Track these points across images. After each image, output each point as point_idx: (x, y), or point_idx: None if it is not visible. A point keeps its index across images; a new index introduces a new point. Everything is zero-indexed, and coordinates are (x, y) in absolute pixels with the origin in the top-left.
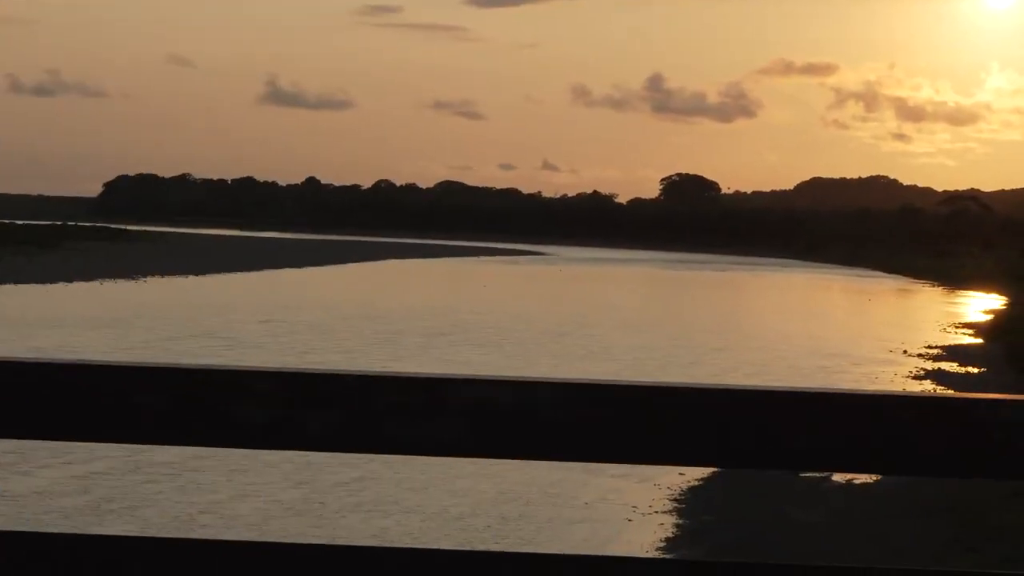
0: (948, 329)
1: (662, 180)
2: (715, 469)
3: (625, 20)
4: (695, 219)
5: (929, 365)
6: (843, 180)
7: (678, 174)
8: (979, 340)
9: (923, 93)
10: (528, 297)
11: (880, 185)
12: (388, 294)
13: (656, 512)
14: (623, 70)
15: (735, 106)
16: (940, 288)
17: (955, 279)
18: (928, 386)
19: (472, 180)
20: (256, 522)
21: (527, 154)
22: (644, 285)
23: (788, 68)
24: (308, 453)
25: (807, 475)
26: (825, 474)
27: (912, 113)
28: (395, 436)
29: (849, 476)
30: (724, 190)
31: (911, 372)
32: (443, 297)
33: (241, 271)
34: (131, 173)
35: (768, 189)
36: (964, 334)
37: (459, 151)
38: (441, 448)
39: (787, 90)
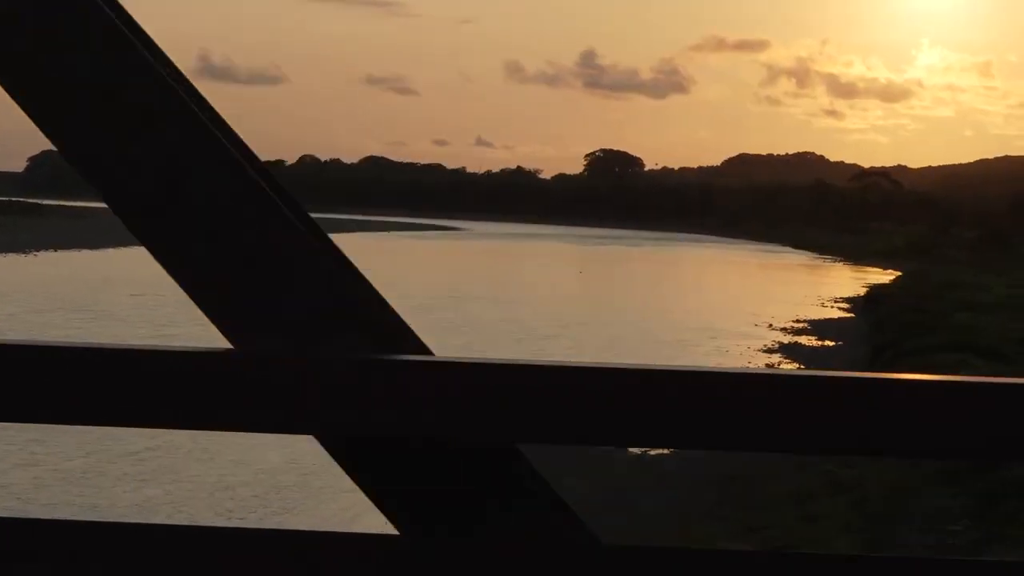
0: (826, 304)
1: (586, 156)
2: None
3: None
4: (614, 195)
5: (786, 338)
6: (770, 156)
7: (602, 150)
8: (850, 314)
9: (855, 70)
10: (416, 272)
11: (807, 161)
12: None
13: None
14: (556, 46)
15: (668, 82)
16: (842, 264)
17: (859, 255)
18: (773, 359)
19: (405, 156)
20: (24, 491)
21: (461, 130)
22: (541, 260)
23: (720, 44)
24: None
25: (601, 449)
26: (617, 448)
27: (844, 90)
28: None
29: (643, 450)
30: (652, 166)
31: (764, 345)
32: None
33: (138, 245)
34: (55, 148)
35: (696, 165)
36: (839, 308)
37: (392, 127)
38: None
39: (720, 66)
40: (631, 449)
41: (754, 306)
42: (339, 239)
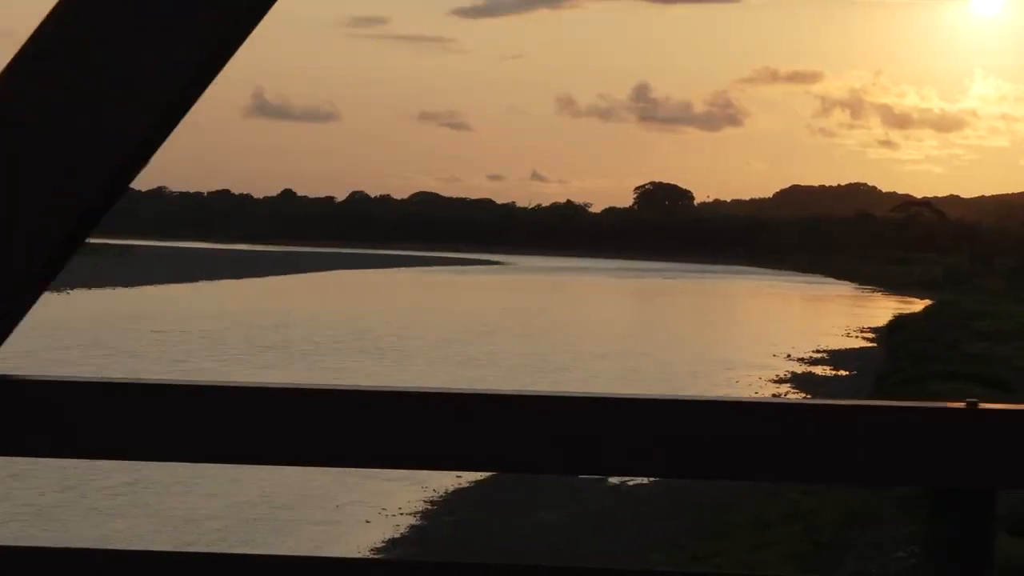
0: (851, 334)
1: (635, 189)
2: (494, 473)
3: (610, 30)
4: (661, 228)
5: (801, 369)
6: (822, 188)
7: (651, 183)
8: (872, 344)
9: (908, 100)
10: (448, 307)
11: (860, 192)
12: (309, 304)
13: (401, 514)
14: (609, 80)
15: (721, 115)
16: (880, 294)
17: (898, 285)
18: (781, 389)
19: (459, 191)
20: None
21: (515, 165)
22: (578, 294)
23: (773, 76)
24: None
25: (584, 478)
26: (599, 477)
27: (898, 120)
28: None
29: (622, 479)
30: (704, 198)
31: (776, 376)
32: (362, 306)
33: (175, 282)
34: None
35: (748, 198)
36: (863, 338)
37: (446, 162)
38: None
39: (773, 98)
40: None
41: (778, 337)
42: (376, 275)
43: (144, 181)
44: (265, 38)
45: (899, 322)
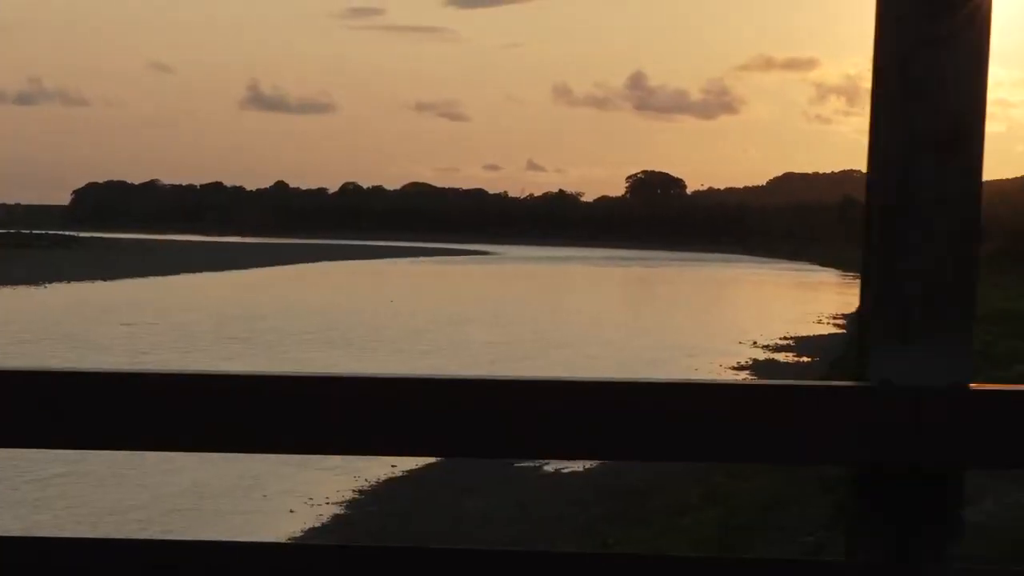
0: (823, 320)
1: (628, 178)
2: (432, 460)
3: (605, 19)
4: (652, 217)
5: (764, 356)
6: (816, 175)
7: (644, 171)
8: (842, 330)
9: None
10: (428, 297)
11: (853, 179)
12: (285, 295)
13: (327, 503)
14: (605, 69)
15: (717, 103)
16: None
17: None
18: (739, 375)
19: (457, 182)
20: None
21: (512, 154)
22: (557, 283)
23: (769, 64)
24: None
25: (519, 466)
26: (535, 465)
27: None
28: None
29: (557, 467)
30: (698, 187)
31: (737, 363)
32: (340, 297)
33: (157, 275)
34: (102, 180)
35: (742, 185)
36: (834, 325)
37: (443, 153)
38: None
39: (769, 86)
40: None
41: (749, 324)
42: (361, 266)
43: (137, 174)
44: (261, 30)
45: None
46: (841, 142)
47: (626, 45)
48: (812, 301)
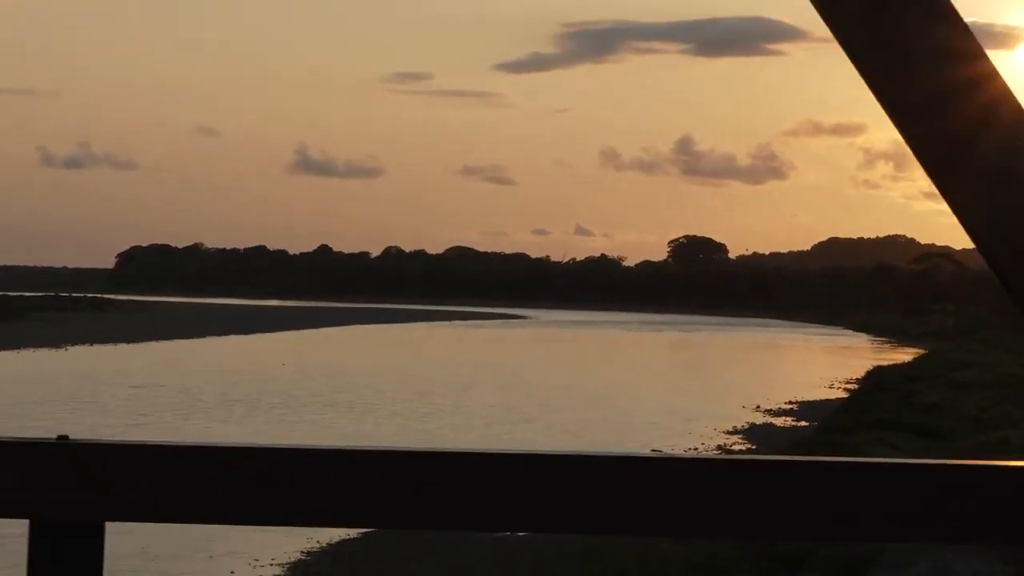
0: (834, 385)
1: (669, 243)
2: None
3: (652, 84)
4: (690, 282)
5: (761, 420)
6: (861, 240)
7: (686, 236)
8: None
9: None
10: (447, 360)
11: (898, 244)
12: (304, 358)
13: (272, 565)
14: (652, 133)
15: (765, 168)
16: (890, 345)
17: (910, 336)
18: (728, 440)
19: (505, 246)
20: None
21: (559, 219)
22: (581, 347)
23: (816, 129)
24: None
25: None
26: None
27: None
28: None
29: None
30: (743, 251)
31: (733, 427)
32: (357, 361)
33: (182, 338)
34: (146, 244)
35: (786, 250)
36: (845, 389)
37: (491, 217)
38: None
39: (817, 151)
40: None
41: (760, 389)
42: (390, 330)
43: (181, 238)
44: (309, 95)
45: (875, 373)
46: (888, 207)
47: (673, 110)
48: (832, 366)
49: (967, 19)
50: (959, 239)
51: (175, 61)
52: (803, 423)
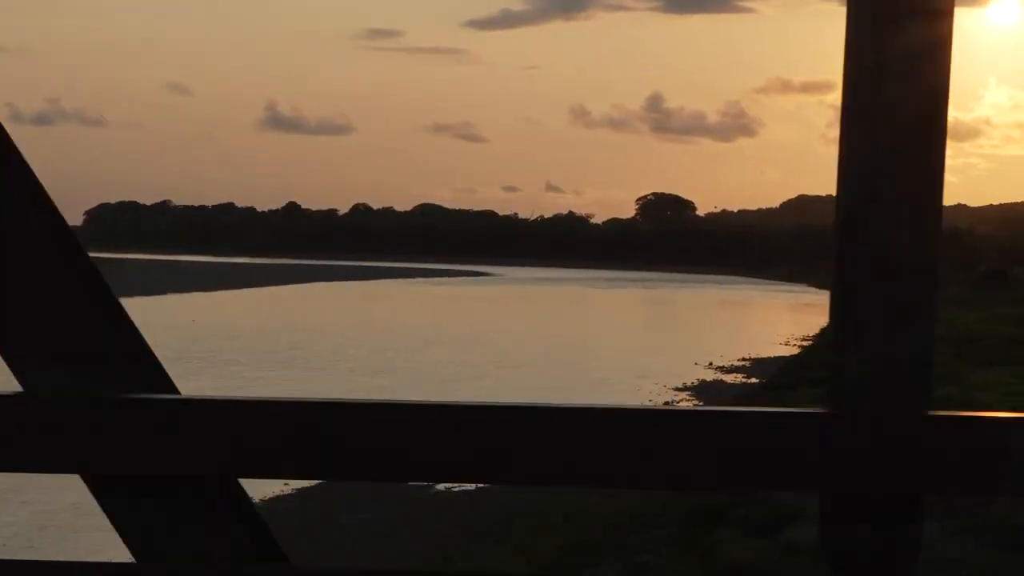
0: (791, 342)
1: (637, 200)
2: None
3: (623, 41)
4: (658, 239)
5: (712, 376)
6: (830, 197)
7: (654, 193)
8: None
9: None
10: (404, 318)
11: None
12: (265, 315)
13: None
14: (622, 91)
15: (735, 125)
16: None
17: None
18: (677, 396)
19: (475, 203)
20: None
21: (529, 176)
22: (543, 304)
23: (786, 87)
24: None
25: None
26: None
27: None
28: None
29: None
30: (712, 209)
31: (683, 383)
32: (315, 318)
33: (143, 295)
34: (114, 201)
35: (755, 207)
36: (799, 346)
37: (462, 174)
38: None
39: (786, 109)
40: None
41: (715, 345)
42: (349, 287)
43: (150, 195)
44: (281, 52)
45: (829, 330)
46: None
47: (643, 67)
48: (790, 323)
49: None
50: (946, 196)
51: (146, 18)
52: (753, 380)
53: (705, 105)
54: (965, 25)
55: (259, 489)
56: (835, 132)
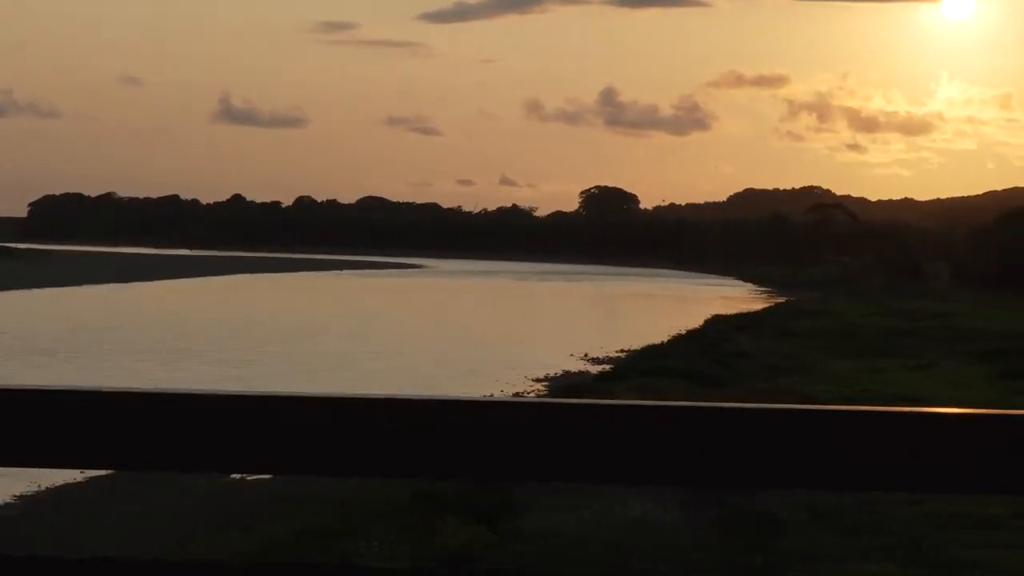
0: (671, 334)
1: (581, 193)
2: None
3: (577, 35)
4: (594, 232)
5: (577, 367)
6: (776, 191)
7: (597, 187)
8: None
9: (875, 103)
10: (308, 309)
11: (813, 195)
12: (169, 307)
13: None
14: (576, 84)
15: (688, 119)
16: (766, 295)
17: (792, 286)
18: (529, 388)
19: (431, 196)
20: None
21: (484, 169)
22: (457, 297)
23: (739, 80)
24: None
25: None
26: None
27: (865, 124)
28: None
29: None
30: (659, 202)
31: (545, 375)
32: (216, 309)
33: (54, 287)
34: (59, 192)
35: (702, 201)
36: (673, 338)
37: (416, 168)
38: None
39: (740, 102)
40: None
41: (600, 336)
42: (270, 279)
43: (96, 187)
44: (234, 43)
45: (711, 321)
46: (811, 159)
47: (597, 61)
48: (686, 315)
49: None
50: (876, 189)
51: (98, 9)
52: (606, 368)
53: (659, 99)
54: (919, 19)
55: (55, 477)
56: (789, 126)
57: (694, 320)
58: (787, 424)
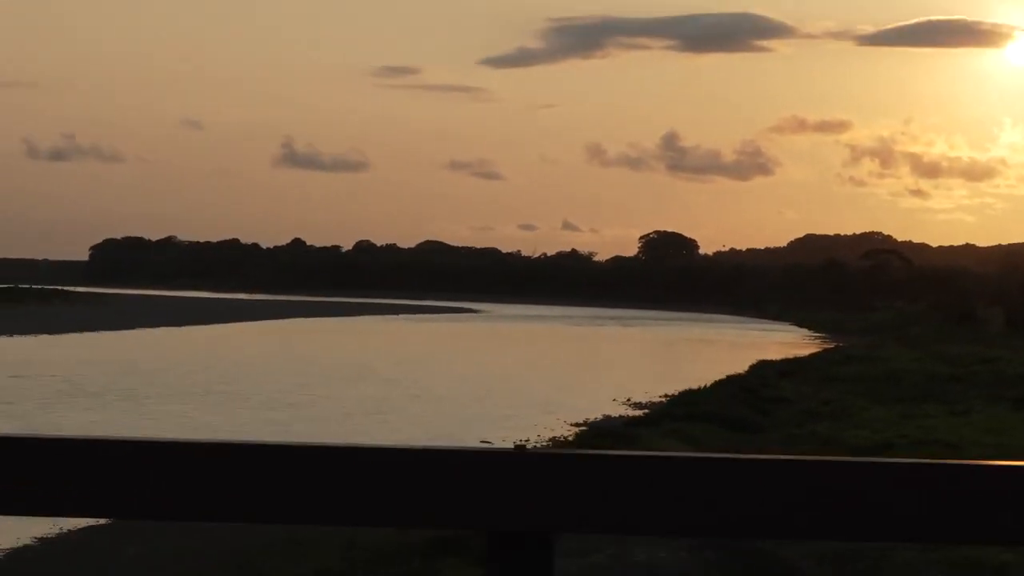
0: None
1: (640, 238)
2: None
3: (638, 79)
4: (652, 277)
5: (616, 412)
6: (837, 237)
7: (656, 232)
8: None
9: (937, 149)
10: (354, 353)
11: (873, 241)
12: (216, 351)
13: None
14: (638, 129)
15: (751, 164)
16: (820, 340)
17: (846, 331)
18: (567, 433)
19: (492, 241)
20: None
21: (547, 214)
22: (510, 342)
23: (802, 125)
24: None
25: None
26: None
27: (928, 169)
28: None
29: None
30: (720, 247)
31: (582, 419)
32: (271, 351)
33: (110, 330)
34: (120, 236)
35: (763, 247)
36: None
37: (478, 212)
38: None
39: (802, 148)
40: None
41: (646, 381)
42: (328, 323)
43: (157, 230)
44: (296, 87)
45: (756, 367)
46: (875, 204)
47: (659, 105)
48: (737, 361)
49: (955, 16)
50: (938, 235)
51: (161, 53)
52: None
53: (721, 144)
54: (982, 65)
55: (62, 524)
56: (851, 171)
57: (740, 365)
58: (801, 475)
